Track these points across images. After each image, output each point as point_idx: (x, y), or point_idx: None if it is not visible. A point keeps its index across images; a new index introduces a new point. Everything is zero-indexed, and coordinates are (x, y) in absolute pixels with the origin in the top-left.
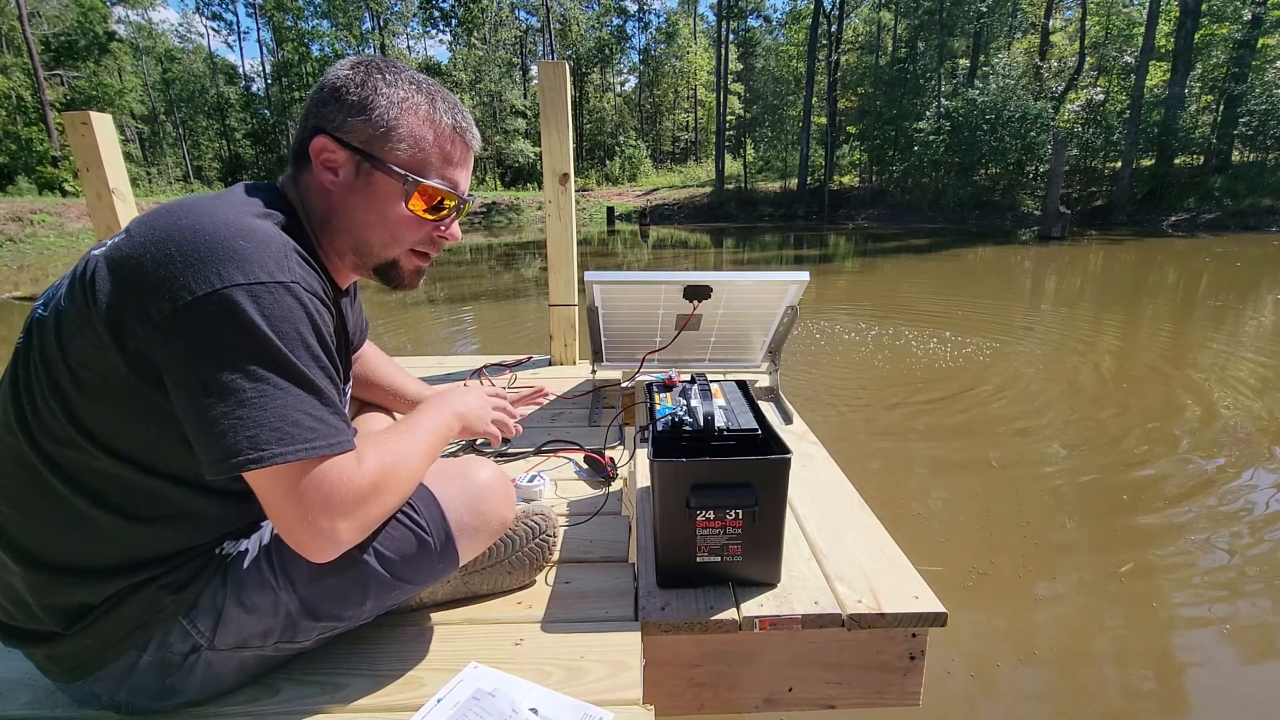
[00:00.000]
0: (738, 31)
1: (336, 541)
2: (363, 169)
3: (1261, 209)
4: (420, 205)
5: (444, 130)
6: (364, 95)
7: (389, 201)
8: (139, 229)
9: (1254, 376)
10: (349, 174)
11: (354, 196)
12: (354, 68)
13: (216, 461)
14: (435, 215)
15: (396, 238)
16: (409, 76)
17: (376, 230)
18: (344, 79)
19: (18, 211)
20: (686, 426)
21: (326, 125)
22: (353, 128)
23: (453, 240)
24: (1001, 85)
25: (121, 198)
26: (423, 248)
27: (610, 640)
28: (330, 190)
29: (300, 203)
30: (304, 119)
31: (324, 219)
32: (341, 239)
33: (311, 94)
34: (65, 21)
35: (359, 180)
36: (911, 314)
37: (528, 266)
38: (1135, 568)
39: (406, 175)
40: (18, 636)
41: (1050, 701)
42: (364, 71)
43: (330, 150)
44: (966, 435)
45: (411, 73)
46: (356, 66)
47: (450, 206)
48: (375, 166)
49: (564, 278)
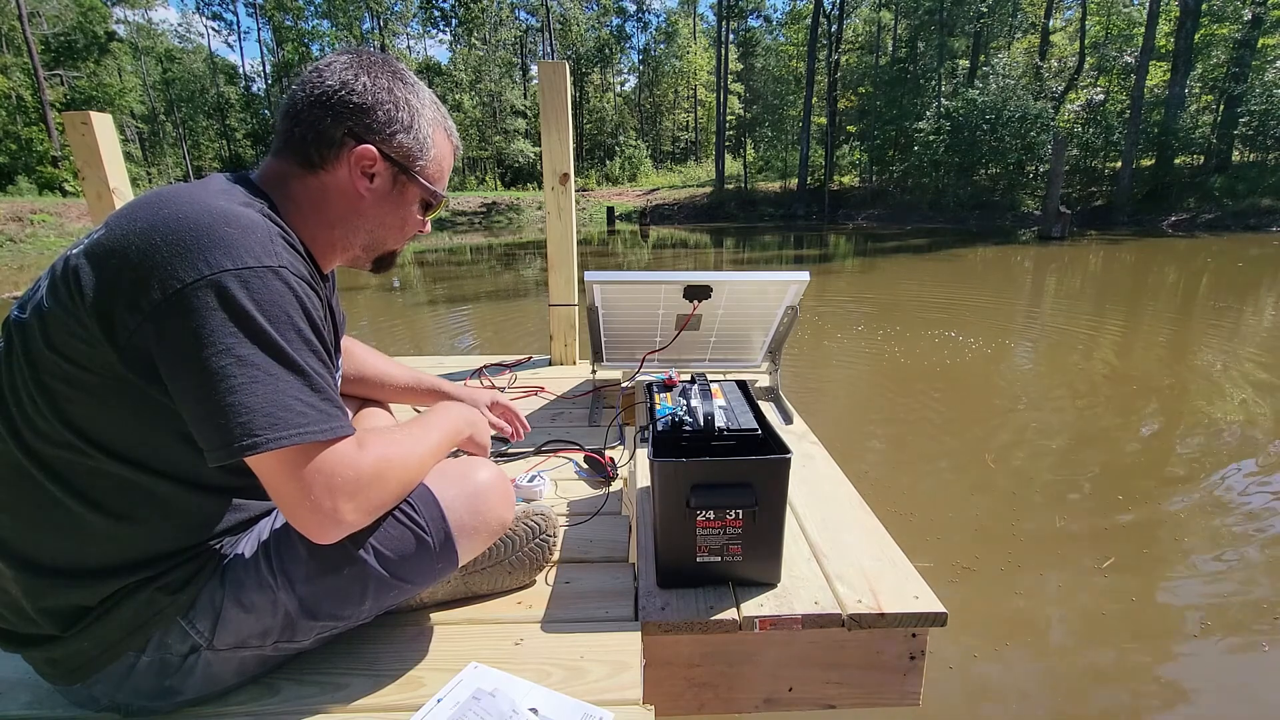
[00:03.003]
0: (738, 31)
1: (340, 523)
2: (399, 180)
3: (1261, 209)
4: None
5: (452, 148)
6: (410, 116)
7: (411, 207)
8: (118, 222)
9: (1254, 376)
10: (385, 183)
11: (387, 203)
12: (388, 78)
13: (216, 449)
14: (429, 215)
15: (404, 234)
16: (429, 95)
17: (394, 230)
18: (387, 92)
19: (18, 211)
20: (686, 426)
21: (369, 136)
22: (399, 144)
23: (427, 230)
24: (1001, 85)
25: (121, 197)
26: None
27: (610, 640)
28: (363, 195)
29: (286, 194)
30: (325, 117)
31: (339, 216)
32: (357, 236)
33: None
34: (65, 21)
35: (394, 189)
36: (912, 314)
37: (528, 266)
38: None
39: (434, 190)
40: (15, 641)
41: (1033, 692)
42: (401, 86)
43: (372, 159)
44: (966, 435)
45: (425, 88)
46: (388, 76)
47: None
48: (410, 180)
49: (564, 278)
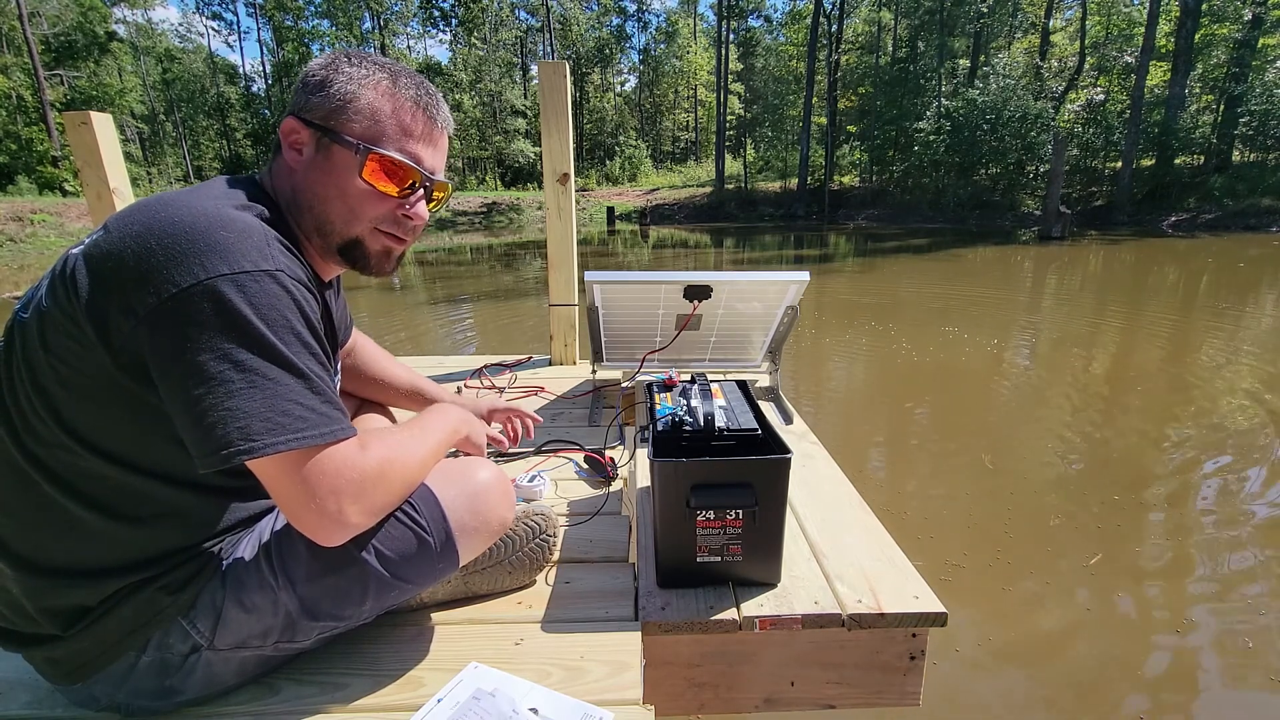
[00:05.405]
0: (738, 31)
1: (345, 524)
2: (322, 144)
3: (1262, 209)
4: (378, 177)
5: (403, 103)
6: (326, 75)
7: (346, 174)
8: (117, 224)
9: (1254, 376)
10: (310, 150)
11: (314, 172)
12: (325, 56)
13: (208, 454)
14: (398, 191)
15: (355, 212)
16: (376, 60)
17: (336, 205)
18: (313, 66)
19: (18, 211)
20: (686, 426)
21: (294, 109)
22: (314, 105)
23: (419, 220)
24: (1002, 85)
25: (121, 198)
26: (387, 227)
27: (610, 640)
28: (294, 169)
29: (277, 192)
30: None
31: (291, 201)
32: (306, 219)
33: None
34: (65, 21)
35: (319, 155)
36: (912, 313)
37: (528, 266)
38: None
39: (358, 144)
40: (16, 640)
41: (1024, 690)
42: (331, 57)
43: (296, 131)
44: (964, 435)
45: (382, 59)
46: (327, 55)
47: (413, 182)
48: (333, 140)
49: (564, 278)
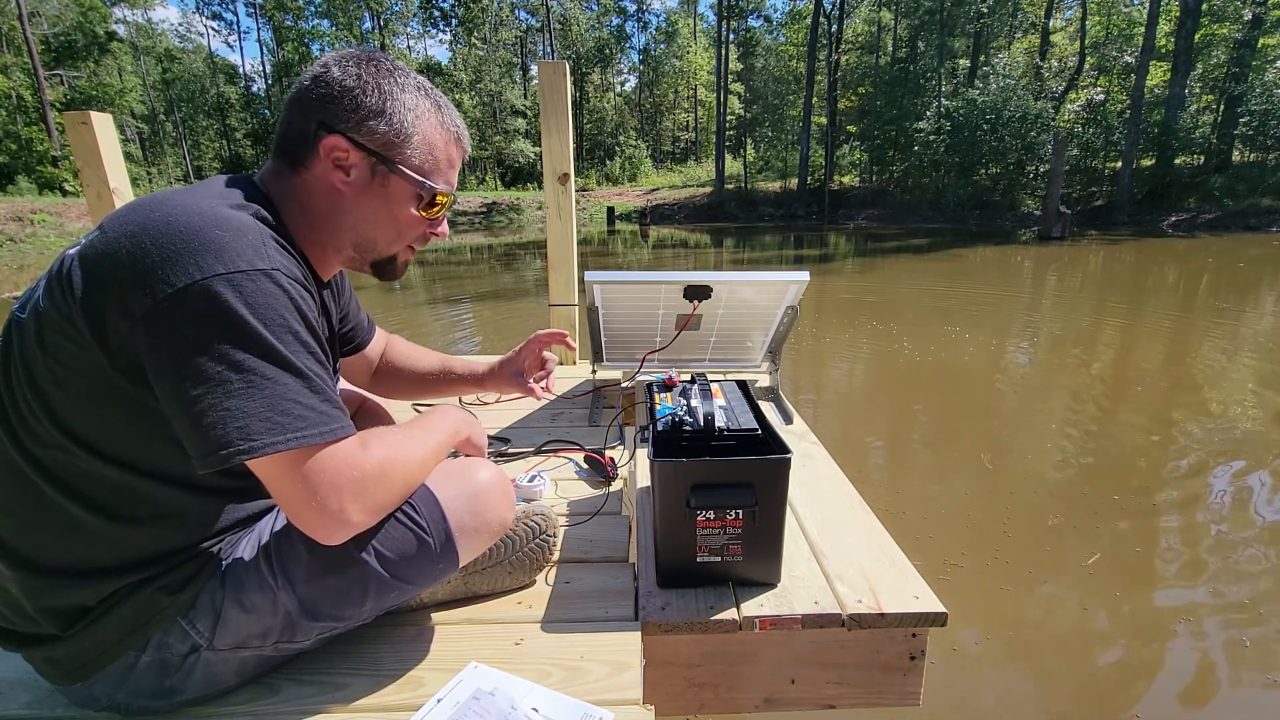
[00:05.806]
0: (738, 31)
1: (346, 523)
2: (379, 172)
3: (1262, 209)
4: (428, 208)
5: (449, 138)
6: (381, 100)
7: (401, 204)
8: (112, 224)
9: (1255, 376)
10: (363, 175)
11: (367, 197)
12: (359, 65)
13: (207, 454)
14: (431, 214)
15: (401, 236)
16: (415, 81)
17: (384, 229)
18: (355, 79)
19: (18, 211)
20: (686, 426)
21: (338, 125)
22: (370, 131)
23: (443, 236)
24: (1002, 85)
25: (121, 197)
26: (417, 244)
27: (610, 640)
28: (340, 190)
29: (283, 196)
30: (300, 112)
31: (323, 215)
32: (343, 235)
33: (306, 86)
34: (65, 21)
35: (374, 182)
36: (911, 313)
37: (528, 266)
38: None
39: (424, 182)
40: (15, 640)
41: (1021, 688)
42: (373, 72)
43: (343, 150)
44: (964, 434)
45: (414, 75)
46: (362, 64)
47: (444, 204)
48: (392, 171)
49: (564, 278)
